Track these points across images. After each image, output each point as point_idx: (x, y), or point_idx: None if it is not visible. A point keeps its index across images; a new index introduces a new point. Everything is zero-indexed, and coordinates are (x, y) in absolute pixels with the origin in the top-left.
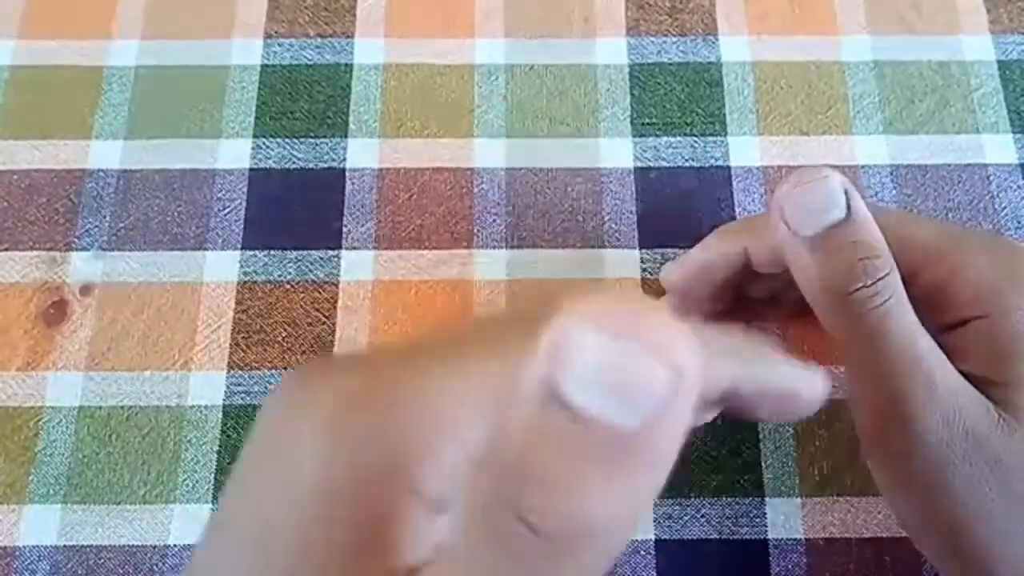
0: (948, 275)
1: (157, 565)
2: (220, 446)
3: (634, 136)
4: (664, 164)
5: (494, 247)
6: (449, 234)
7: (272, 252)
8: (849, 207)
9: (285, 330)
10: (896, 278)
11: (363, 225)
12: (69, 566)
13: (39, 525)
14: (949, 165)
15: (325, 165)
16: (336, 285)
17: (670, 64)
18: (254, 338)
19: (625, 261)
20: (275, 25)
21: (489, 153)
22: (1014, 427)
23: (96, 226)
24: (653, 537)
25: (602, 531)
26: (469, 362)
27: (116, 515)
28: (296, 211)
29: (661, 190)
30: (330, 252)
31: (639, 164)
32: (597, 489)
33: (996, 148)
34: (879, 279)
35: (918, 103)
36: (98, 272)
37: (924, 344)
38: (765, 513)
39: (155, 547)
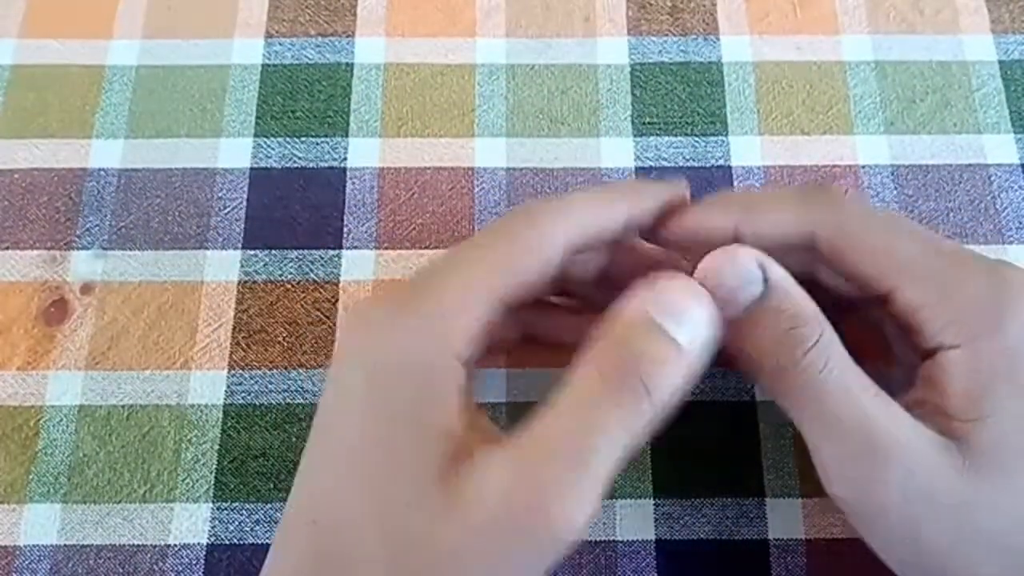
0: (926, 297)
1: (157, 564)
2: (220, 446)
3: (635, 136)
4: (665, 164)
5: None
6: (450, 234)
7: (273, 251)
8: (766, 280)
9: (286, 330)
10: (829, 339)
11: (364, 224)
12: (69, 565)
13: (39, 524)
14: (950, 165)
15: (326, 164)
16: (337, 284)
17: (671, 64)
18: (255, 338)
19: None
20: (276, 24)
21: (490, 153)
22: (981, 467)
23: (97, 225)
24: (653, 537)
25: None
26: (469, 258)
27: (116, 514)
28: (297, 210)
29: None
30: (331, 252)
31: (640, 164)
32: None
33: (997, 148)
34: (810, 348)
35: (919, 103)
36: (98, 271)
37: (870, 405)
38: (765, 513)
39: (155, 546)
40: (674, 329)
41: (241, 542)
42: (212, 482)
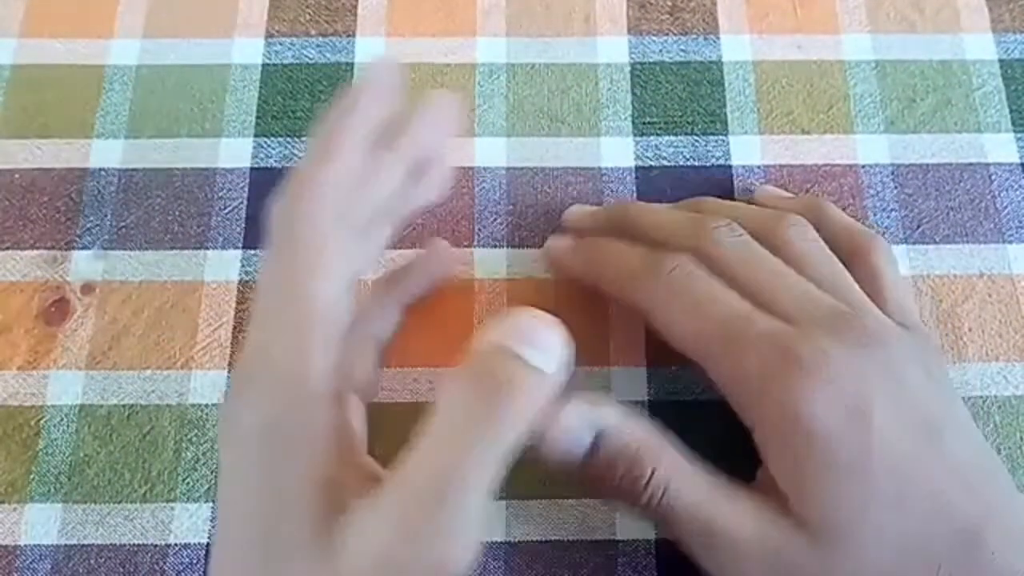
0: (718, 379)
1: (158, 564)
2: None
3: (635, 135)
4: (665, 163)
5: (495, 246)
6: (450, 233)
7: None
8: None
9: None
10: (665, 468)
11: None
12: (70, 565)
13: (40, 524)
14: (950, 164)
15: None
16: None
17: (671, 63)
18: None
19: None
20: (276, 24)
21: (490, 152)
22: (818, 540)
23: (97, 225)
24: (653, 537)
25: None
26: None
27: (117, 514)
28: None
29: (662, 189)
30: None
31: (640, 163)
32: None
33: (998, 147)
34: (645, 484)
35: (919, 102)
36: (99, 271)
37: (711, 509)
38: None
39: (156, 546)
40: (533, 356)
41: None
42: (212, 482)
